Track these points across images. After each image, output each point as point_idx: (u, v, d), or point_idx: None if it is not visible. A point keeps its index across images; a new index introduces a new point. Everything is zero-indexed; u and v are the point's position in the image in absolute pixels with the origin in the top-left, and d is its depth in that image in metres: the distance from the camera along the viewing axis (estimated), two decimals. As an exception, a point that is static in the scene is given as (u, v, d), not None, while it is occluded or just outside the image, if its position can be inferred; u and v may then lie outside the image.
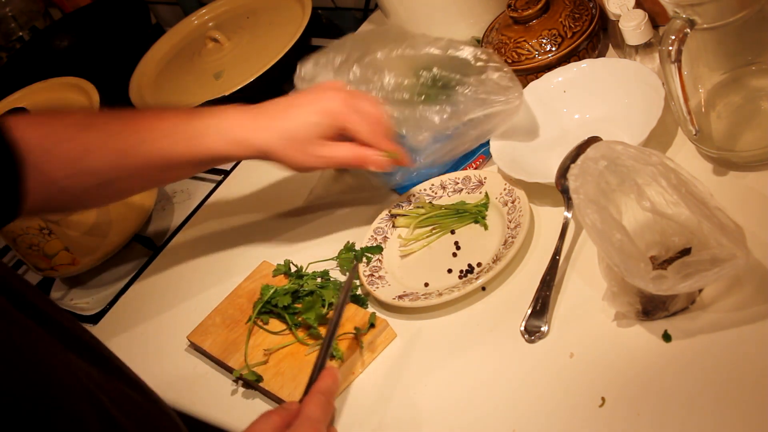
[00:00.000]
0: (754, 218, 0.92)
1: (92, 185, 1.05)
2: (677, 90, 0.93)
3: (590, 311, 0.95)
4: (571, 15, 1.19)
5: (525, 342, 0.96)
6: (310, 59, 1.22)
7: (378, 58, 1.17)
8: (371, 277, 1.10)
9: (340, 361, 1.01)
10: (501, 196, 1.11)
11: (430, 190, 1.17)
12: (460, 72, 1.13)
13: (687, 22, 0.91)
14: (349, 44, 1.21)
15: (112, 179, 1.06)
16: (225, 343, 1.11)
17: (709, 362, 0.84)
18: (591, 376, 0.88)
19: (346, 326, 1.04)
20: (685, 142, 1.04)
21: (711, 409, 0.81)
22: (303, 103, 1.06)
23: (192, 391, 1.12)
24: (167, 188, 1.54)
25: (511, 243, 1.03)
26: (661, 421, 0.82)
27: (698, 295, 0.89)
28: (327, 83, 1.09)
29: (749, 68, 1.00)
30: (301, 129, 1.04)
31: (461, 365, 0.98)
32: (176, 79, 1.64)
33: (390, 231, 1.16)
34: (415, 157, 1.20)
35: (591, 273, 0.94)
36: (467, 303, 1.04)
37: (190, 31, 1.75)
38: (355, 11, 1.70)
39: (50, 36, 1.97)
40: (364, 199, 1.24)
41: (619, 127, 1.11)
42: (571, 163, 1.05)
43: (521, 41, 1.20)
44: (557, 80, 1.17)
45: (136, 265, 1.41)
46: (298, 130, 1.05)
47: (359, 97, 1.07)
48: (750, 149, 0.97)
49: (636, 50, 1.12)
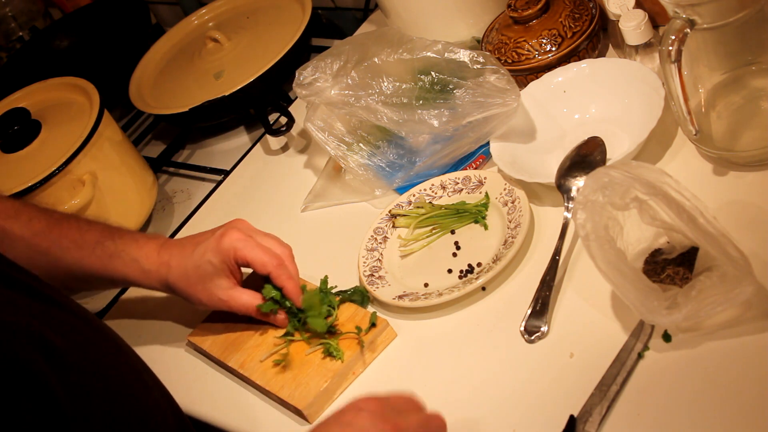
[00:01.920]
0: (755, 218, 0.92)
1: None
2: (677, 90, 0.93)
3: (590, 311, 0.95)
4: (571, 15, 1.19)
5: (525, 342, 0.96)
6: (309, 65, 1.22)
7: (376, 62, 1.17)
8: (371, 277, 1.10)
9: (340, 361, 1.02)
10: (501, 196, 1.11)
11: (430, 190, 1.17)
12: (457, 75, 1.14)
13: (687, 22, 0.91)
14: (347, 49, 1.22)
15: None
16: (225, 343, 1.11)
17: (709, 362, 0.84)
18: (591, 376, 0.88)
19: (347, 326, 1.05)
20: (685, 142, 1.04)
21: (711, 409, 0.81)
22: (203, 242, 1.07)
23: (192, 391, 1.12)
24: (167, 188, 1.54)
25: (511, 243, 1.03)
26: (662, 422, 0.82)
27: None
28: (234, 221, 1.09)
29: (749, 68, 1.00)
30: (198, 267, 1.06)
31: (461, 365, 0.98)
32: (176, 79, 1.64)
33: (390, 231, 1.16)
34: (415, 159, 1.20)
35: (591, 273, 0.94)
36: (467, 303, 1.04)
37: (190, 31, 1.75)
38: (355, 11, 1.70)
39: (50, 36, 1.97)
40: (363, 199, 1.24)
41: (619, 127, 1.11)
42: (571, 165, 1.06)
43: (521, 41, 1.20)
44: (557, 80, 1.17)
45: (136, 265, 1.41)
46: (196, 268, 1.06)
47: (261, 235, 1.08)
48: (750, 149, 0.97)
49: (636, 50, 1.12)
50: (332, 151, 1.22)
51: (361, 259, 1.12)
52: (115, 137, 1.43)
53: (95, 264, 1.10)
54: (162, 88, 1.64)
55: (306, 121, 1.23)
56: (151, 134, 1.71)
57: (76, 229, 1.11)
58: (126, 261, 1.09)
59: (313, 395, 1.00)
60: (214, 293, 1.07)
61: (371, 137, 1.22)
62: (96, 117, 1.37)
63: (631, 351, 0.88)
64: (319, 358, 1.03)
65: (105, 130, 1.38)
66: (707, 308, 0.81)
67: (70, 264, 1.10)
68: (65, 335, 0.74)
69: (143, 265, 1.09)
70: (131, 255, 1.09)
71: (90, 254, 1.09)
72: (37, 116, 1.43)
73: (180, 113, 1.51)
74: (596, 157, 1.06)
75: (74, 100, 1.46)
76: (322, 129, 1.22)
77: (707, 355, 0.85)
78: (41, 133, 1.41)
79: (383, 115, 1.16)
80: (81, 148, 1.33)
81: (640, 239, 0.93)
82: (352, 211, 1.24)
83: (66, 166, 1.31)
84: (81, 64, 1.82)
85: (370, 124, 1.20)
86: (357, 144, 1.22)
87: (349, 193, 1.25)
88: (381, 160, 1.22)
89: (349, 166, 1.22)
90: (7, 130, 1.41)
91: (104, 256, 1.09)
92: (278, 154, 1.44)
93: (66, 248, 1.10)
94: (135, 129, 1.74)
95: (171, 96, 1.60)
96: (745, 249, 0.82)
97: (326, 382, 1.00)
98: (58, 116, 1.45)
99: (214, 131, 1.60)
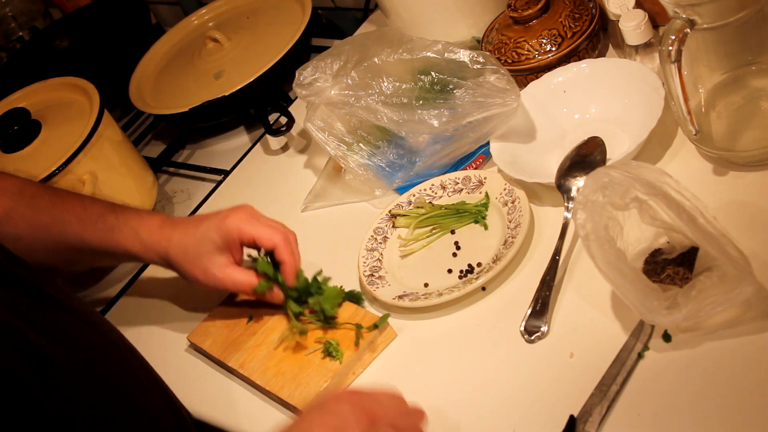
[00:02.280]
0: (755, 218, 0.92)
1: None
2: (677, 90, 0.93)
3: (590, 311, 0.95)
4: (571, 15, 1.19)
5: (525, 342, 0.96)
6: (309, 65, 1.22)
7: (376, 62, 1.17)
8: (371, 277, 1.10)
9: (340, 362, 1.02)
10: (501, 196, 1.11)
11: (430, 190, 1.17)
12: (457, 75, 1.14)
13: (687, 22, 0.91)
14: (347, 49, 1.22)
15: (26, 250, 1.07)
16: (225, 343, 1.11)
17: (709, 362, 0.84)
18: (591, 376, 0.88)
19: (347, 325, 1.05)
20: (685, 142, 1.04)
21: (711, 409, 0.81)
22: (207, 220, 1.08)
23: (192, 391, 1.12)
24: (167, 188, 1.54)
25: (511, 243, 1.03)
26: (662, 422, 0.82)
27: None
28: (240, 205, 1.10)
29: (749, 68, 1.00)
30: (198, 244, 1.06)
31: (461, 365, 0.98)
32: (176, 79, 1.64)
33: (390, 231, 1.16)
34: (415, 159, 1.20)
35: (591, 273, 0.94)
36: (467, 303, 1.04)
37: (190, 31, 1.75)
38: (355, 11, 1.70)
39: (50, 36, 1.97)
40: (363, 199, 1.24)
41: (619, 127, 1.11)
42: (571, 165, 1.06)
43: (521, 41, 1.20)
44: (557, 80, 1.17)
45: (136, 265, 1.41)
46: (195, 244, 1.06)
47: (267, 218, 1.08)
48: (750, 149, 0.97)
49: (636, 50, 1.12)
50: (332, 151, 1.22)
51: (361, 259, 1.13)
52: (115, 137, 1.43)
53: (96, 237, 1.10)
54: (162, 88, 1.64)
55: (306, 121, 1.23)
56: (151, 134, 1.71)
57: (79, 205, 1.12)
58: (126, 234, 1.09)
59: (313, 395, 1.00)
60: (211, 270, 1.07)
61: (371, 137, 1.22)
62: (96, 117, 1.37)
63: (631, 351, 0.88)
64: (319, 358, 1.03)
65: (105, 130, 1.38)
66: (707, 308, 0.81)
67: (72, 239, 1.10)
68: (53, 336, 0.74)
69: (144, 238, 1.09)
70: (132, 228, 1.09)
71: (92, 228, 1.10)
72: (37, 116, 1.43)
73: (180, 113, 1.51)
74: (596, 157, 1.06)
75: (74, 100, 1.47)
76: (322, 129, 1.22)
77: (707, 355, 0.85)
78: (41, 133, 1.41)
79: (383, 115, 1.16)
80: (81, 148, 1.33)
81: (640, 239, 0.93)
82: (352, 211, 1.24)
83: (66, 166, 1.31)
84: (81, 64, 1.82)
85: (370, 124, 1.20)
86: (357, 144, 1.22)
87: (349, 193, 1.25)
88: (381, 160, 1.22)
89: (349, 166, 1.22)
90: (7, 130, 1.41)
91: (105, 229, 1.09)
92: (278, 154, 1.44)
93: (68, 223, 1.10)
94: (135, 129, 1.74)
95: (171, 96, 1.60)
96: (745, 249, 0.82)
97: (326, 382, 1.00)
98: (58, 116, 1.45)
99: (214, 131, 1.60)
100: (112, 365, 0.81)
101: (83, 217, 1.10)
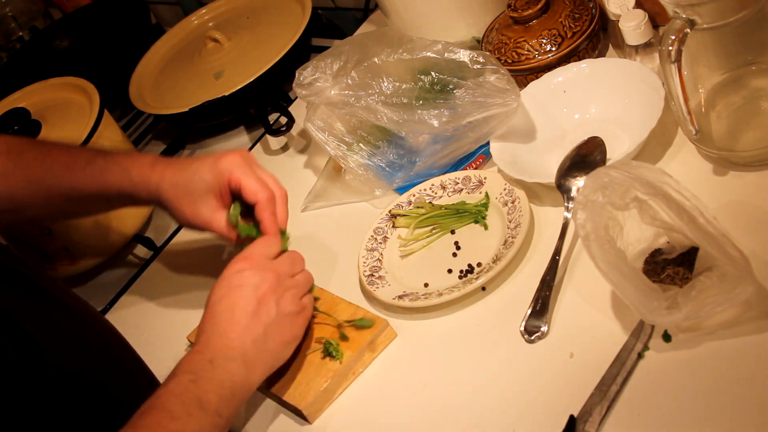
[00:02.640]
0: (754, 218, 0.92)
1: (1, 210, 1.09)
2: (677, 90, 0.93)
3: (590, 311, 0.95)
4: (571, 15, 1.19)
5: (525, 342, 0.96)
6: (309, 65, 1.22)
7: (376, 62, 1.17)
8: (371, 277, 1.10)
9: (340, 361, 1.02)
10: (501, 196, 1.11)
11: (430, 190, 1.17)
12: (457, 75, 1.14)
13: (687, 22, 0.91)
14: (347, 49, 1.22)
15: (21, 206, 1.08)
16: (225, 343, 1.11)
17: (709, 362, 0.84)
18: (591, 376, 0.88)
19: (336, 316, 1.05)
20: (685, 142, 1.04)
21: (711, 409, 0.81)
22: (201, 160, 1.07)
23: (192, 391, 1.12)
24: (167, 188, 1.54)
25: (511, 243, 1.03)
26: (662, 422, 0.82)
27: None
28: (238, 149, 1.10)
29: (749, 68, 1.00)
30: (190, 182, 1.06)
31: (461, 365, 0.98)
32: (176, 79, 1.64)
33: (390, 231, 1.16)
34: (415, 159, 1.20)
35: (591, 273, 0.94)
36: (467, 303, 1.04)
37: (190, 31, 1.75)
38: (355, 11, 1.70)
39: (50, 36, 1.97)
40: (363, 199, 1.24)
41: (619, 127, 1.11)
42: (571, 165, 1.06)
43: (521, 41, 1.20)
44: (557, 80, 1.17)
45: (136, 265, 1.41)
46: (188, 182, 1.06)
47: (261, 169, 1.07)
48: (750, 149, 0.97)
49: (636, 50, 1.12)
50: (332, 151, 1.22)
51: (361, 259, 1.13)
52: (115, 137, 1.43)
53: (87, 182, 1.09)
54: (162, 88, 1.64)
55: (306, 121, 1.23)
56: (151, 134, 1.71)
57: (66, 153, 1.11)
58: (116, 173, 1.08)
59: (313, 395, 1.00)
60: (200, 210, 1.06)
61: (371, 137, 1.22)
62: (96, 117, 1.37)
63: (631, 351, 0.88)
64: (319, 358, 1.03)
65: (105, 130, 1.39)
66: (707, 308, 0.81)
67: (64, 188, 1.10)
68: (49, 332, 0.74)
69: (135, 175, 1.08)
70: (123, 167, 1.09)
71: (81, 173, 1.09)
72: (37, 116, 1.43)
73: (180, 113, 1.51)
74: (596, 157, 1.06)
75: (74, 100, 1.47)
76: (322, 129, 1.22)
77: (707, 355, 0.85)
78: (41, 133, 1.41)
79: (383, 115, 1.16)
80: (81, 148, 1.33)
81: (640, 239, 0.93)
82: (352, 211, 1.24)
83: (66, 166, 1.31)
84: (81, 64, 1.83)
85: (370, 124, 1.20)
86: (357, 144, 1.22)
87: (349, 193, 1.25)
88: (381, 160, 1.22)
89: (349, 166, 1.22)
90: (7, 130, 1.41)
91: (95, 173, 1.09)
92: (278, 154, 1.44)
93: (58, 173, 1.09)
94: (135, 129, 1.74)
95: (171, 96, 1.60)
96: (745, 249, 0.82)
97: (326, 382, 1.00)
98: (58, 116, 1.45)
99: (214, 131, 1.60)
100: (106, 364, 0.81)
101: (71, 164, 1.10)
